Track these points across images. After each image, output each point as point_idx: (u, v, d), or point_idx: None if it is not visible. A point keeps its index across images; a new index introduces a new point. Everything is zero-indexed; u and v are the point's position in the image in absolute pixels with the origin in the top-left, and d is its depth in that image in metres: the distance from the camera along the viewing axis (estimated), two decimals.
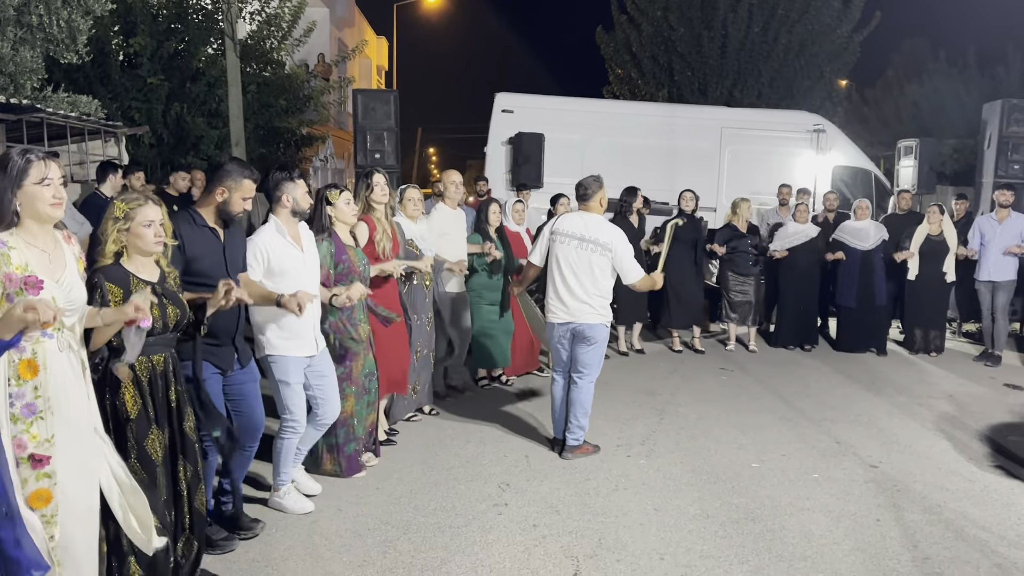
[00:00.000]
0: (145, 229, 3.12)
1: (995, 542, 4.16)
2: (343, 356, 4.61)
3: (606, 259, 5.11)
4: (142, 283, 3.13)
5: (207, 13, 12.06)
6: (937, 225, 8.57)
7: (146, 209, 3.14)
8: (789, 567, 3.83)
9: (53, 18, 7.93)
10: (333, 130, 18.24)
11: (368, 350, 4.76)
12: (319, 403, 4.33)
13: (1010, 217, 8.40)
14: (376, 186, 5.15)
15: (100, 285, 3.04)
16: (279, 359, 4.12)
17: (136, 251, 3.16)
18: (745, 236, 8.61)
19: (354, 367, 4.67)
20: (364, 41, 16.40)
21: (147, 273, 3.20)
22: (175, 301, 3.24)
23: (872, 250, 8.63)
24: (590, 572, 3.73)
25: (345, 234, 4.64)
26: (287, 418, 4.20)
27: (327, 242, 4.46)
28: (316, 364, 4.26)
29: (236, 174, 3.77)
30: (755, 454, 5.44)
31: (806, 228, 8.72)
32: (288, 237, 4.09)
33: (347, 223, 4.63)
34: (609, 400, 6.48)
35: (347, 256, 4.54)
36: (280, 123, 13.03)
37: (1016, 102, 10.28)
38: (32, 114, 7.44)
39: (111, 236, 3.12)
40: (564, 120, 11.25)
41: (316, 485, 4.54)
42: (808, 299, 8.89)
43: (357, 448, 4.81)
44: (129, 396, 3.10)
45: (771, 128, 11.55)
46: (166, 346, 3.25)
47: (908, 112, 22.85)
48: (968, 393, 7.21)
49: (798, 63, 17.10)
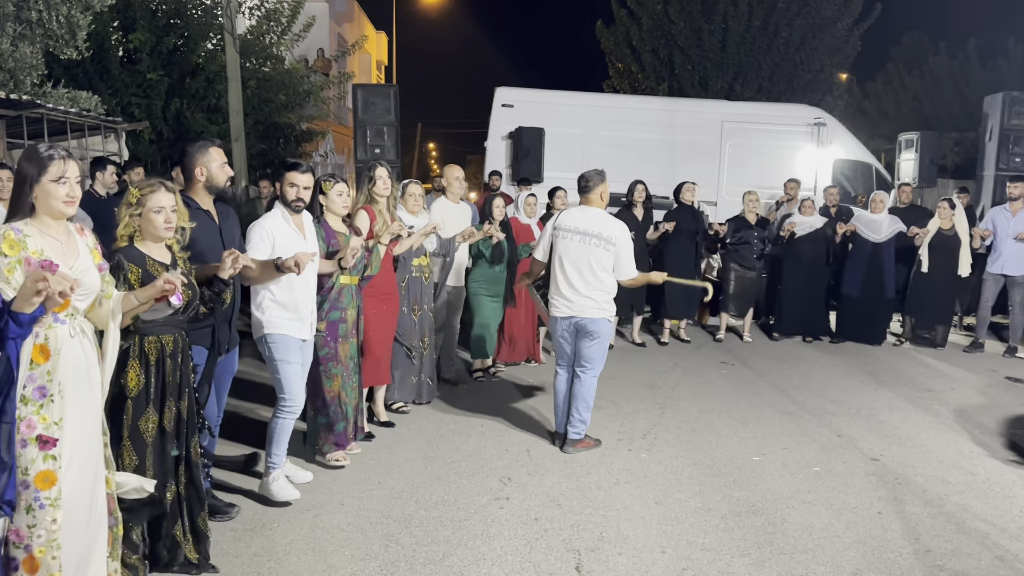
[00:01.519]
0: (155, 215, 3.25)
1: (996, 534, 4.17)
2: (331, 336, 4.73)
3: (609, 253, 5.11)
4: (159, 264, 3.27)
5: (206, 8, 12.04)
6: (948, 220, 8.53)
7: (158, 195, 3.26)
8: (791, 560, 3.83)
9: (52, 14, 7.93)
10: (333, 125, 18.23)
11: (353, 336, 4.88)
12: None
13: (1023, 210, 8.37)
14: (379, 179, 5.26)
15: (122, 264, 3.18)
16: (279, 338, 4.19)
17: (148, 236, 3.29)
18: (753, 228, 8.64)
19: (340, 349, 4.78)
20: (363, 36, 16.38)
21: (159, 256, 3.33)
22: (187, 283, 3.30)
23: (883, 243, 8.63)
24: (592, 565, 3.74)
25: (336, 222, 4.76)
26: (284, 399, 4.25)
27: (318, 227, 4.61)
28: (307, 349, 4.37)
29: (201, 149, 3.87)
30: (756, 447, 5.45)
31: (812, 219, 8.73)
32: (292, 224, 4.23)
33: (336, 213, 4.74)
34: (610, 394, 6.48)
35: (336, 240, 4.68)
36: (280, 118, 13.02)
37: (1017, 94, 10.26)
38: (32, 110, 7.44)
39: (123, 220, 3.28)
40: (564, 114, 11.23)
41: (307, 473, 4.61)
42: (812, 290, 8.89)
43: (347, 426, 4.91)
44: (134, 374, 3.23)
45: (772, 122, 11.53)
46: (176, 327, 3.37)
47: (909, 105, 22.83)
48: (969, 386, 7.21)
49: (798, 57, 17.07)
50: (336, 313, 4.75)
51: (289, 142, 13.85)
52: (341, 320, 4.78)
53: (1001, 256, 8.37)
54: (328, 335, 4.73)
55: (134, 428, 3.22)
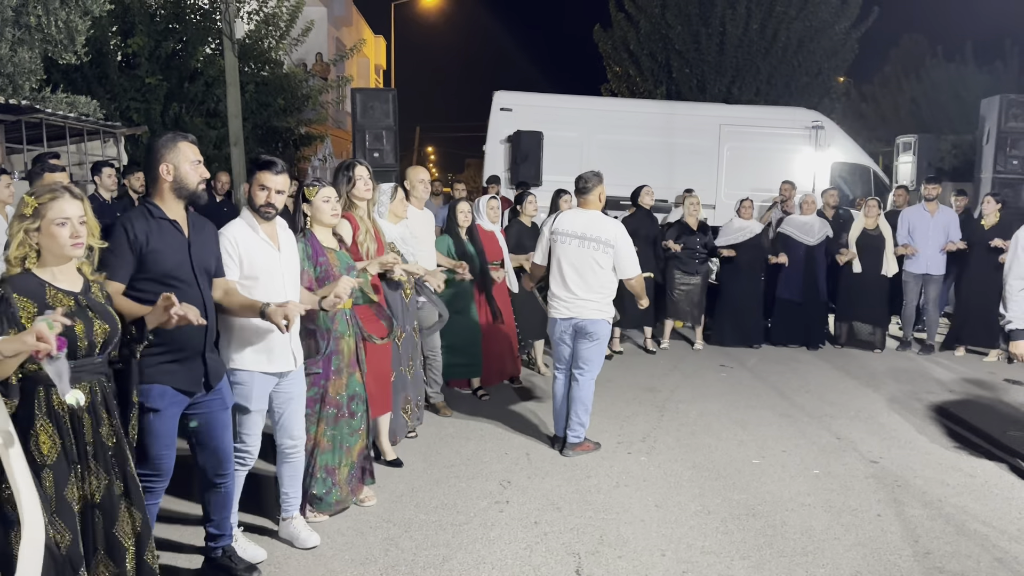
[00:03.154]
0: (59, 228, 2.57)
1: (996, 536, 4.17)
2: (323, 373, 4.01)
3: (608, 256, 5.11)
4: (63, 294, 2.60)
5: (205, 13, 12.08)
6: (873, 219, 8.64)
7: (61, 204, 2.58)
8: (790, 562, 3.83)
9: (51, 19, 7.94)
10: (332, 129, 18.25)
11: (353, 368, 4.13)
12: (278, 430, 3.78)
13: (939, 210, 8.59)
14: (359, 180, 4.51)
15: (6, 300, 2.48)
16: (241, 376, 3.52)
17: (51, 255, 2.60)
18: (694, 234, 8.52)
19: (330, 387, 4.05)
20: (362, 40, 16.42)
21: (66, 282, 2.65)
22: (103, 315, 2.69)
23: (816, 246, 8.70)
24: (592, 569, 3.74)
25: (326, 235, 4.09)
26: (238, 447, 3.59)
27: (302, 243, 3.92)
28: (287, 384, 3.68)
29: (168, 143, 3.16)
30: (755, 450, 5.45)
31: (750, 224, 8.69)
32: (262, 233, 3.54)
33: (324, 224, 4.06)
34: (610, 397, 6.48)
35: (325, 258, 3.99)
36: (278, 122, 13.04)
37: (1014, 97, 10.27)
38: (31, 115, 7.45)
39: (17, 238, 2.57)
40: (563, 118, 11.25)
41: (260, 551, 3.75)
42: (748, 297, 8.77)
43: (340, 496, 4.16)
44: (45, 437, 2.55)
45: (769, 125, 11.56)
46: (93, 372, 2.67)
47: (907, 108, 22.88)
48: (967, 389, 7.21)
49: (796, 60, 17.10)
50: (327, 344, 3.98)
51: (288, 146, 13.87)
52: (335, 352, 4.03)
53: (920, 256, 8.50)
54: (322, 372, 4.00)
55: (60, 501, 2.56)
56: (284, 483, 3.89)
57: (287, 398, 3.72)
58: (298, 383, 3.75)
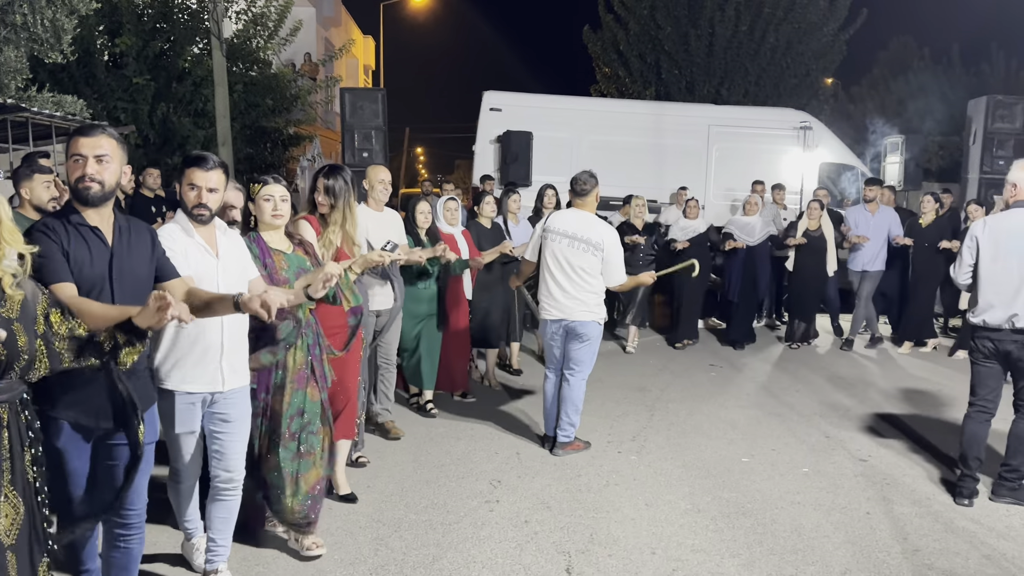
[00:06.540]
0: None
1: (984, 533, 4.19)
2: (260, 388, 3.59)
3: (596, 259, 5.10)
4: None
5: (193, 12, 12.04)
6: (816, 220, 8.75)
7: None
8: (780, 560, 3.84)
9: (37, 17, 7.88)
10: (320, 129, 18.21)
11: (300, 385, 3.64)
12: (214, 458, 3.30)
13: (880, 210, 8.77)
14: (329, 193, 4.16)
15: None
16: (165, 395, 3.14)
17: None
18: (639, 234, 8.38)
19: (274, 402, 3.60)
20: (351, 40, 16.38)
21: None
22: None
23: (757, 246, 8.79)
24: (582, 567, 3.74)
25: (274, 236, 3.70)
26: (172, 467, 3.35)
27: (247, 242, 3.51)
28: (221, 405, 3.24)
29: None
30: (745, 449, 5.46)
31: (695, 223, 8.75)
32: (197, 237, 3.16)
33: (266, 224, 3.65)
34: (600, 397, 6.48)
35: (271, 260, 3.61)
36: (267, 123, 13.01)
37: (1001, 98, 10.37)
38: (17, 114, 7.40)
39: None
40: (552, 118, 11.26)
41: None
42: (693, 295, 8.81)
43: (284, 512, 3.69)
44: None
45: (758, 126, 11.61)
46: (7, 392, 2.35)
47: (894, 109, 23.00)
48: (955, 387, 7.24)
49: (785, 61, 17.19)
50: (267, 356, 3.54)
51: (276, 146, 13.84)
52: (280, 366, 3.60)
53: (861, 254, 8.68)
54: (257, 385, 3.56)
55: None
56: (213, 526, 3.35)
57: (221, 419, 3.25)
58: (236, 406, 3.28)
